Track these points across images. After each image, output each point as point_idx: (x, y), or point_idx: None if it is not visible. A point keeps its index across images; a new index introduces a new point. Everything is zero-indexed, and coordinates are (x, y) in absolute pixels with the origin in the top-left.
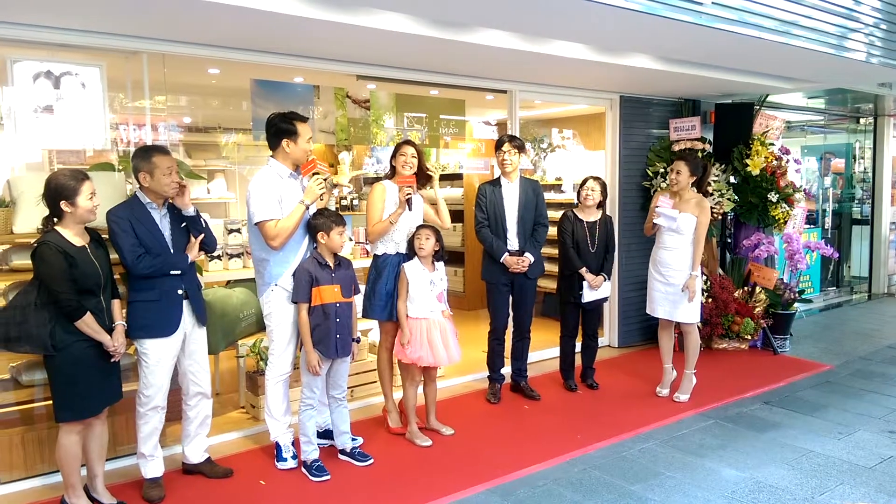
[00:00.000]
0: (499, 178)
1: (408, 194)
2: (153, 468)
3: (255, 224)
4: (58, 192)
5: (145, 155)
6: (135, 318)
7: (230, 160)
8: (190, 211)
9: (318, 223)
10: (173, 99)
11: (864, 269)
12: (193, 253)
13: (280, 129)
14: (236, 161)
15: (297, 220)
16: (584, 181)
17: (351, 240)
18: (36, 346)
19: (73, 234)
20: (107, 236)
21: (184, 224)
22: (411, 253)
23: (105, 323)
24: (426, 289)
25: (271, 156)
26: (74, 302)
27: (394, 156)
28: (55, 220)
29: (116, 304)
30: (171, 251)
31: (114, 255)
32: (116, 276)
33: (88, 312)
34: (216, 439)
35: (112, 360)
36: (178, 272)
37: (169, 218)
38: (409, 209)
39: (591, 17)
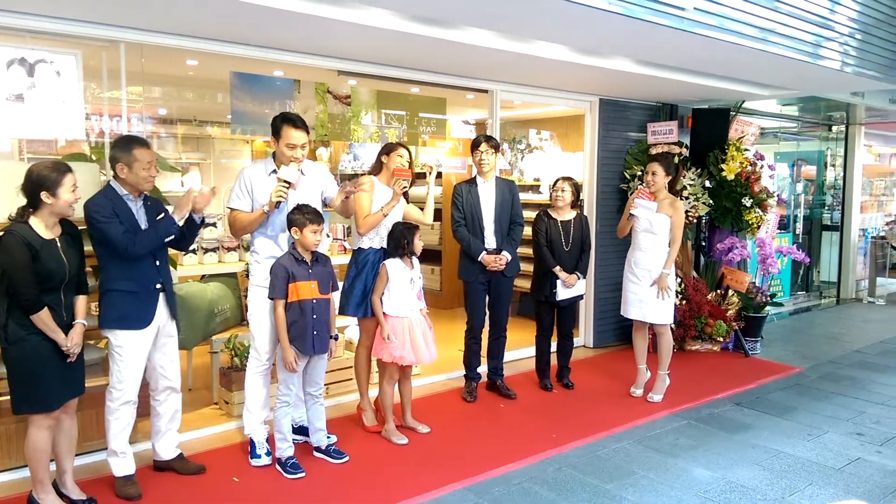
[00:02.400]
0: (475, 177)
1: (404, 187)
2: (124, 466)
3: (226, 207)
4: (39, 183)
5: (126, 146)
6: (110, 308)
7: (206, 153)
8: (197, 218)
9: (293, 218)
10: (150, 90)
11: (833, 275)
12: (183, 212)
13: (272, 125)
14: (213, 154)
15: (251, 219)
16: (555, 182)
17: (329, 236)
18: None
19: (44, 227)
20: (82, 227)
21: (159, 217)
22: (392, 250)
23: (62, 319)
24: (407, 286)
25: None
26: (33, 295)
27: (387, 154)
28: (31, 210)
29: (81, 299)
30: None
31: (88, 248)
32: (88, 269)
33: (46, 308)
34: (189, 435)
35: (68, 360)
36: (158, 263)
37: (144, 210)
38: (407, 201)
39: (572, 18)
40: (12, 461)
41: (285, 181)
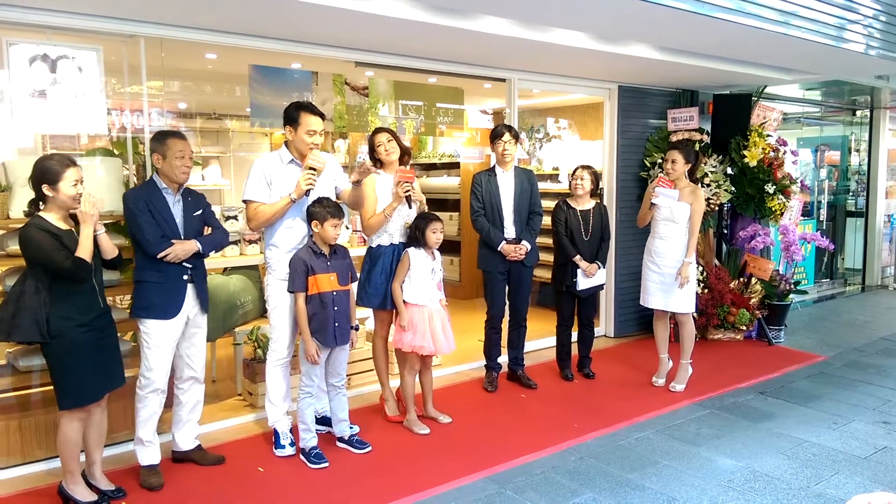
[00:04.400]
0: (493, 167)
1: (407, 191)
2: (150, 455)
3: (242, 201)
4: (41, 176)
5: (161, 138)
6: (139, 297)
7: (225, 146)
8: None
9: (314, 211)
10: (170, 84)
11: (857, 261)
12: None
13: (286, 116)
14: (232, 147)
15: (277, 209)
16: (574, 170)
17: (347, 228)
18: (31, 334)
19: (57, 219)
20: (105, 222)
21: (197, 213)
22: (412, 241)
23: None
24: (427, 276)
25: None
26: (72, 261)
27: (372, 149)
28: (40, 204)
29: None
30: (182, 238)
31: (114, 242)
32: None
33: (77, 258)
34: (213, 426)
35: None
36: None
37: (182, 205)
38: (409, 207)
39: (590, 4)
40: (42, 452)
41: (312, 168)
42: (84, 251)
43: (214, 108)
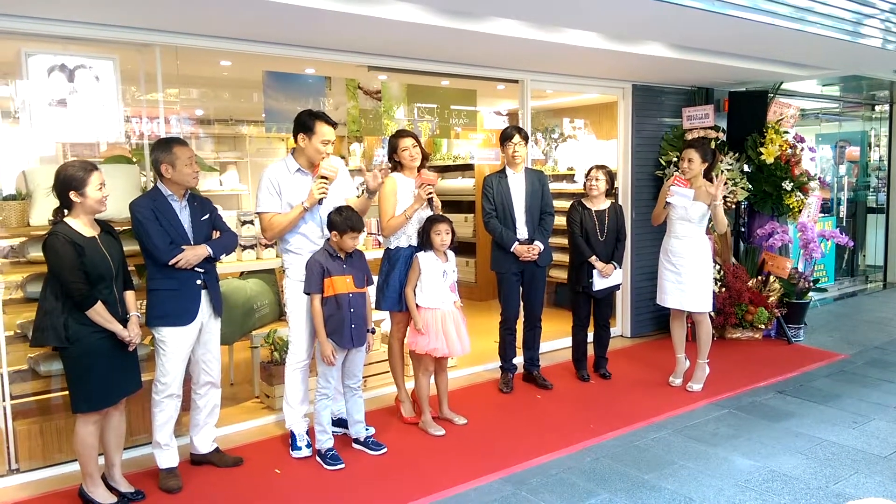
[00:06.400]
0: (504, 168)
1: (429, 193)
2: (168, 458)
3: (255, 214)
4: (67, 183)
5: (166, 146)
6: (153, 306)
7: (242, 151)
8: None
9: (335, 220)
10: (186, 91)
11: (879, 258)
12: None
13: (299, 123)
14: (249, 153)
15: (291, 218)
16: (589, 171)
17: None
18: (50, 338)
19: (83, 225)
20: (122, 228)
21: (204, 217)
22: (424, 244)
23: (118, 313)
24: (439, 279)
25: (293, 148)
26: (85, 290)
27: (395, 151)
28: (65, 211)
29: (130, 294)
30: (192, 244)
31: (129, 247)
32: (131, 268)
33: (99, 301)
34: (231, 429)
35: (129, 349)
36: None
37: (189, 210)
38: (431, 209)
39: (603, 4)
40: (63, 455)
41: (324, 177)
42: (96, 316)
43: (231, 114)
